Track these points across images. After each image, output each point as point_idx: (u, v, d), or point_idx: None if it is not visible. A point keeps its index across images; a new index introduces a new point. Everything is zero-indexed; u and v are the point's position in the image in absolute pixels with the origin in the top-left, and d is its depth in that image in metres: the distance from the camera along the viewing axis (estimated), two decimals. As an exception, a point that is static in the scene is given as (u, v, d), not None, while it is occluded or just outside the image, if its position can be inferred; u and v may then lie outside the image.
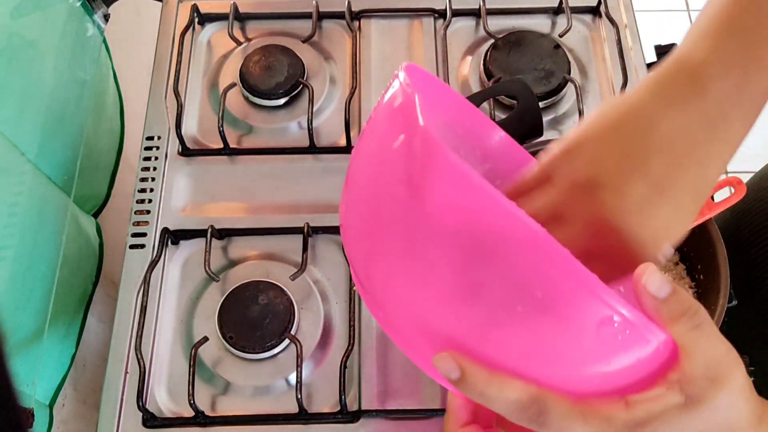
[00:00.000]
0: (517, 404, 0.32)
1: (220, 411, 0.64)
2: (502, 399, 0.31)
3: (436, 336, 0.33)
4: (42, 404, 0.64)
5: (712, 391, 0.32)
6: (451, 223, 0.30)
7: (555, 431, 0.32)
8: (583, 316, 0.29)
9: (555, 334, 0.30)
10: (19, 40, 0.64)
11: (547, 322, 0.30)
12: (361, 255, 0.37)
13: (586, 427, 0.32)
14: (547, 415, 0.32)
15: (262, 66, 0.80)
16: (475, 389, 0.31)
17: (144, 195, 0.74)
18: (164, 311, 0.69)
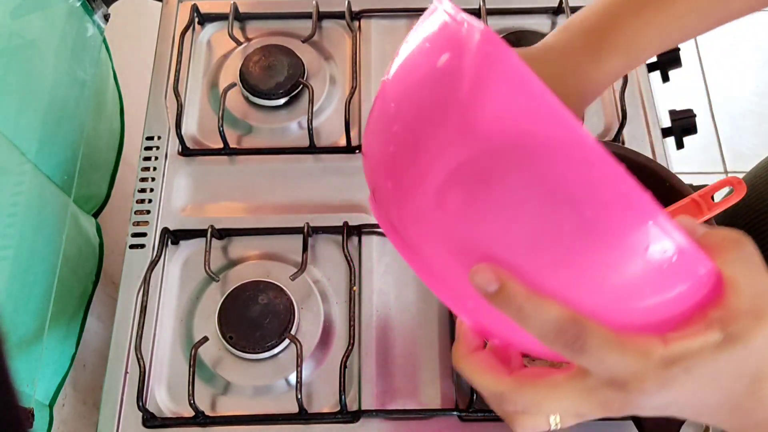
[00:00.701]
0: (555, 324, 0.30)
1: (220, 411, 0.64)
2: (540, 317, 0.30)
3: (472, 256, 0.31)
4: (42, 404, 0.64)
5: (753, 327, 0.31)
6: (504, 136, 0.29)
7: (589, 359, 0.31)
8: (632, 238, 0.28)
9: (600, 257, 0.29)
10: (19, 40, 0.64)
11: (593, 244, 0.29)
12: (390, 182, 0.35)
13: (621, 359, 0.31)
14: (585, 341, 0.30)
15: (262, 66, 0.80)
16: (514, 304, 0.29)
17: (144, 195, 0.75)
18: (164, 311, 0.69)
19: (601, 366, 0.31)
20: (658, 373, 0.31)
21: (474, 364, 0.36)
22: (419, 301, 0.69)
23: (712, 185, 0.57)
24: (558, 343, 0.30)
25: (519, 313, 0.30)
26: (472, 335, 0.39)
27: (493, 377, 0.35)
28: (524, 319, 0.30)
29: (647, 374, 0.31)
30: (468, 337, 0.38)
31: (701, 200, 0.56)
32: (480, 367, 0.36)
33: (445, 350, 0.66)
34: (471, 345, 0.38)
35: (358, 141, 0.78)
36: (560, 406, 0.33)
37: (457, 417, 0.63)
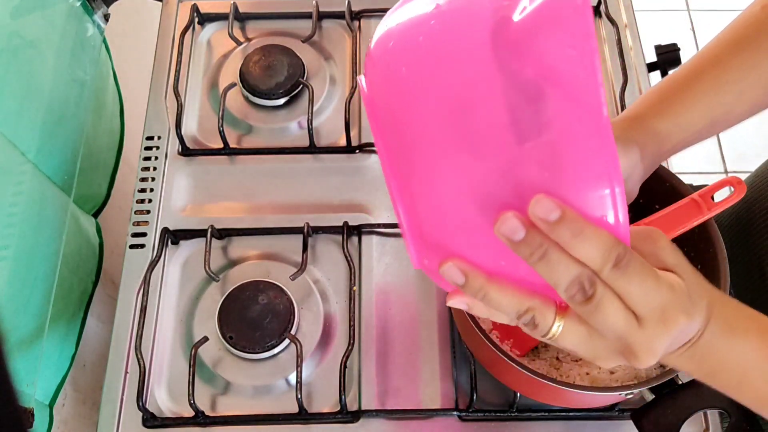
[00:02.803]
0: (609, 243, 0.33)
1: (220, 411, 0.64)
2: (598, 237, 0.33)
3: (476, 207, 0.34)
4: (42, 404, 0.64)
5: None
6: (529, 72, 0.32)
7: (630, 280, 0.34)
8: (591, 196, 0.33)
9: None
10: (19, 40, 0.64)
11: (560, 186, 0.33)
12: (399, 141, 0.37)
13: (657, 284, 0.34)
14: (630, 260, 0.33)
15: (262, 66, 0.80)
16: (575, 226, 0.32)
17: (144, 195, 0.75)
18: (164, 311, 0.69)
19: (641, 288, 0.34)
20: (686, 304, 0.35)
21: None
22: (419, 301, 0.69)
23: (712, 185, 0.57)
24: (609, 262, 0.33)
25: (579, 236, 0.33)
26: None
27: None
28: (584, 239, 0.33)
29: (682, 301, 0.35)
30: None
31: (701, 200, 0.56)
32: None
33: (445, 350, 0.66)
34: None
35: (359, 141, 0.78)
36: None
37: (457, 417, 0.63)
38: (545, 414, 0.63)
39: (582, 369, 0.58)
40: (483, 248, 0.36)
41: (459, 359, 0.66)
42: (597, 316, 0.34)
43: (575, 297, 0.34)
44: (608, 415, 0.63)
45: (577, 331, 0.36)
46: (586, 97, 0.31)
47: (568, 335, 0.37)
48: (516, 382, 0.60)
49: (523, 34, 0.32)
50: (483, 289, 0.37)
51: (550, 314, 0.36)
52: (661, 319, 0.35)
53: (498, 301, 0.37)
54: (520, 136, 0.32)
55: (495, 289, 0.36)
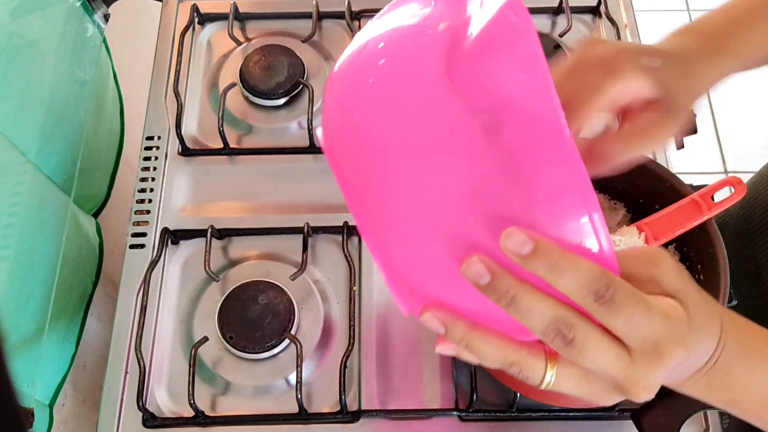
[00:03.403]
0: (588, 276, 0.31)
1: (220, 411, 0.64)
2: (575, 269, 0.31)
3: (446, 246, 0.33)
4: (42, 404, 0.64)
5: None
6: (484, 104, 0.30)
7: (618, 314, 0.31)
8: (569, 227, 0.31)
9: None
10: (19, 40, 0.64)
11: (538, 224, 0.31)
12: (360, 170, 0.36)
13: (649, 317, 0.32)
14: (615, 292, 0.31)
15: (262, 66, 0.80)
16: (550, 259, 0.31)
17: (144, 195, 0.75)
18: (164, 311, 0.69)
19: (630, 323, 0.31)
20: (685, 334, 0.33)
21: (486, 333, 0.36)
22: (419, 301, 0.69)
23: (712, 185, 0.57)
24: (590, 295, 0.31)
25: (555, 269, 0.31)
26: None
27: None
28: (560, 273, 0.31)
29: (679, 332, 0.32)
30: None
31: (701, 200, 0.57)
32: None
33: (445, 350, 0.66)
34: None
35: (358, 141, 0.78)
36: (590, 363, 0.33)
37: (457, 417, 0.63)
38: (545, 414, 0.63)
39: (582, 369, 0.58)
40: (461, 291, 0.34)
41: (459, 359, 0.66)
42: (584, 359, 0.32)
43: (554, 342, 0.32)
44: (608, 415, 0.63)
45: (571, 376, 0.35)
46: (545, 121, 0.29)
47: (562, 381, 0.35)
48: (516, 382, 0.60)
49: (473, 63, 0.31)
50: (465, 339, 0.35)
51: (539, 365, 0.34)
52: (655, 353, 0.32)
53: (482, 351, 0.35)
54: (485, 169, 0.31)
55: (478, 339, 0.34)
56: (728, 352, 0.36)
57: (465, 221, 0.32)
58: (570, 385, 0.35)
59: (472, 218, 0.32)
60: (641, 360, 0.32)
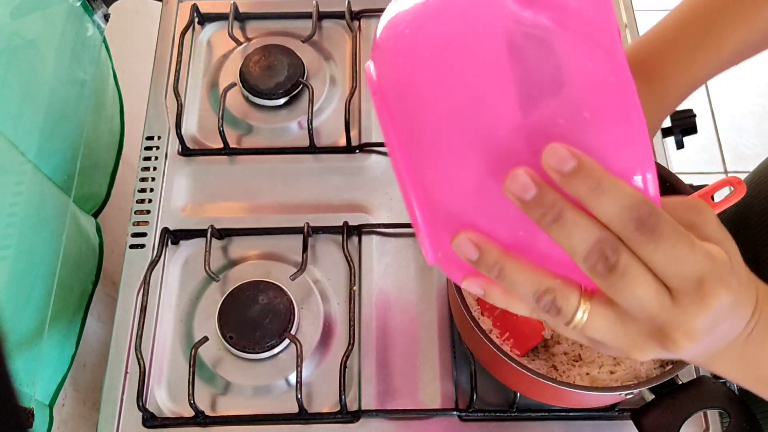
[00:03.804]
0: (631, 199, 0.29)
1: (220, 411, 0.64)
2: (618, 191, 0.29)
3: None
4: (42, 404, 0.64)
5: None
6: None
7: (660, 246, 0.29)
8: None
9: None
10: (19, 40, 0.64)
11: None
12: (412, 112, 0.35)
13: (692, 252, 0.30)
14: (658, 221, 0.29)
15: (262, 66, 0.80)
16: (593, 178, 0.29)
17: (144, 195, 0.75)
18: (164, 311, 0.69)
19: (672, 255, 0.29)
20: (728, 278, 0.30)
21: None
22: (419, 302, 0.69)
23: (712, 185, 0.57)
24: (631, 222, 0.29)
25: (597, 189, 0.29)
26: None
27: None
28: (601, 194, 0.29)
29: (723, 273, 0.30)
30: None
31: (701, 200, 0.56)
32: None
33: (445, 350, 0.66)
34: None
35: (359, 141, 0.78)
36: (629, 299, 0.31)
37: (457, 417, 0.63)
38: (545, 414, 0.63)
39: (582, 369, 0.58)
40: (497, 218, 0.33)
41: (459, 359, 0.66)
42: (623, 290, 0.30)
43: (596, 267, 0.30)
44: (608, 415, 0.63)
45: (606, 316, 0.32)
46: (599, 37, 0.28)
47: (595, 321, 0.32)
48: (516, 382, 0.60)
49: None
50: (498, 264, 0.32)
51: (573, 297, 0.32)
52: (698, 292, 0.30)
53: (514, 278, 0.32)
54: (533, 83, 0.30)
55: (511, 265, 0.32)
56: (763, 323, 0.33)
57: (507, 138, 0.31)
58: (603, 327, 0.32)
59: (515, 135, 0.30)
60: (683, 300, 0.30)
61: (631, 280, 0.30)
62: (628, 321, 0.32)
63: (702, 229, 0.31)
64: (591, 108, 0.29)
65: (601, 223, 0.30)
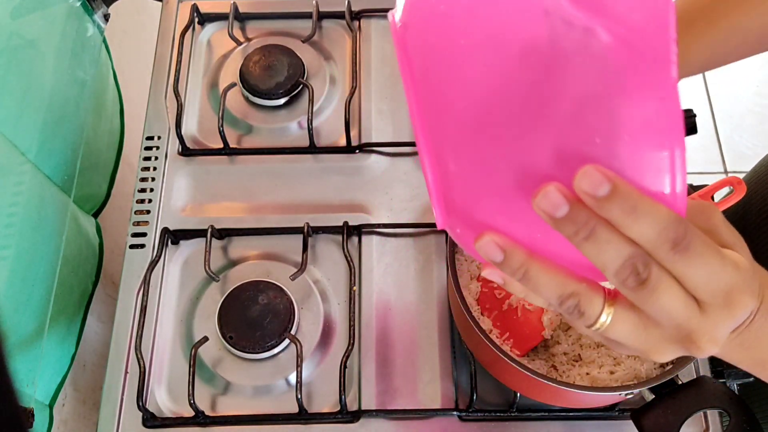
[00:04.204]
0: (667, 220, 0.29)
1: (220, 411, 0.64)
2: (653, 214, 0.29)
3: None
4: (42, 404, 0.64)
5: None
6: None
7: (692, 261, 0.30)
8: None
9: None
10: (19, 40, 0.64)
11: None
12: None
13: (722, 266, 0.30)
14: (691, 240, 0.29)
15: (262, 66, 0.80)
16: (629, 201, 0.29)
17: (144, 195, 0.75)
18: (164, 311, 0.69)
19: (704, 272, 0.30)
20: (753, 284, 0.31)
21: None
22: (419, 302, 0.69)
23: (712, 185, 0.57)
24: (667, 243, 0.29)
25: (632, 213, 0.29)
26: None
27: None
28: (638, 218, 0.29)
29: (748, 281, 0.31)
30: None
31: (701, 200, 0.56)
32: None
33: (445, 350, 0.66)
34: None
35: (359, 141, 0.78)
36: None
37: (457, 417, 0.63)
38: (545, 414, 0.63)
39: (582, 369, 0.58)
40: (521, 221, 0.32)
41: (459, 359, 0.66)
42: (653, 303, 0.30)
43: (627, 281, 0.30)
44: (608, 415, 0.63)
45: (629, 320, 0.32)
46: (651, 44, 0.26)
47: (618, 325, 0.32)
48: (516, 382, 0.60)
49: None
50: (524, 266, 0.32)
51: (598, 301, 0.32)
52: (726, 304, 0.31)
53: (539, 281, 0.32)
54: (570, 91, 0.28)
55: (537, 268, 0.32)
56: (765, 309, 0.34)
57: (542, 144, 0.30)
58: (626, 330, 0.33)
59: (546, 142, 0.30)
60: (712, 311, 0.31)
61: (662, 293, 0.30)
62: (651, 326, 0.32)
63: (717, 234, 0.32)
64: (631, 129, 0.28)
65: (632, 240, 0.30)
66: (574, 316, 0.33)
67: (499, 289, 0.61)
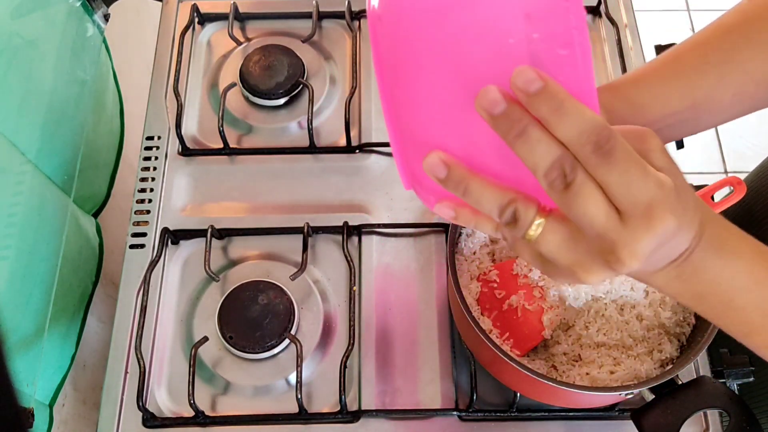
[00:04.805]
0: (591, 123, 0.31)
1: (220, 411, 0.64)
2: (579, 114, 0.31)
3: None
4: (42, 404, 0.64)
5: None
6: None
7: (614, 169, 0.31)
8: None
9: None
10: (19, 40, 0.64)
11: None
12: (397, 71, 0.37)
13: (644, 178, 0.32)
14: (614, 145, 0.31)
15: (262, 66, 0.80)
16: (556, 99, 0.31)
17: (144, 195, 0.75)
18: (164, 311, 0.69)
19: (625, 179, 0.31)
20: (676, 205, 0.32)
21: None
22: (419, 302, 0.69)
23: (712, 185, 0.57)
24: (589, 144, 0.31)
25: (559, 109, 0.31)
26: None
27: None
28: (563, 114, 0.31)
29: (670, 199, 0.32)
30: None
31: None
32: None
33: (445, 350, 0.66)
34: None
35: (359, 141, 0.78)
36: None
37: (457, 417, 0.63)
38: (545, 414, 0.63)
39: (582, 369, 0.58)
40: (464, 142, 0.36)
41: (459, 359, 0.66)
42: (577, 207, 0.32)
43: (555, 183, 0.32)
44: (608, 415, 0.63)
45: (559, 231, 0.34)
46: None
47: (548, 235, 0.34)
48: (516, 382, 0.60)
49: None
50: (464, 181, 0.35)
51: (531, 209, 0.34)
52: (646, 216, 0.32)
53: (480, 193, 0.35)
54: (509, 23, 0.32)
55: (476, 182, 0.35)
56: (704, 244, 0.36)
57: (477, 66, 0.33)
58: (555, 242, 0.34)
59: (485, 64, 0.33)
60: (632, 222, 0.32)
61: (585, 197, 0.32)
62: (579, 238, 0.34)
63: (649, 157, 0.34)
64: (552, 50, 0.31)
65: (562, 143, 0.32)
66: (511, 225, 0.35)
67: (499, 288, 0.61)
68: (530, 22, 0.31)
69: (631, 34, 0.84)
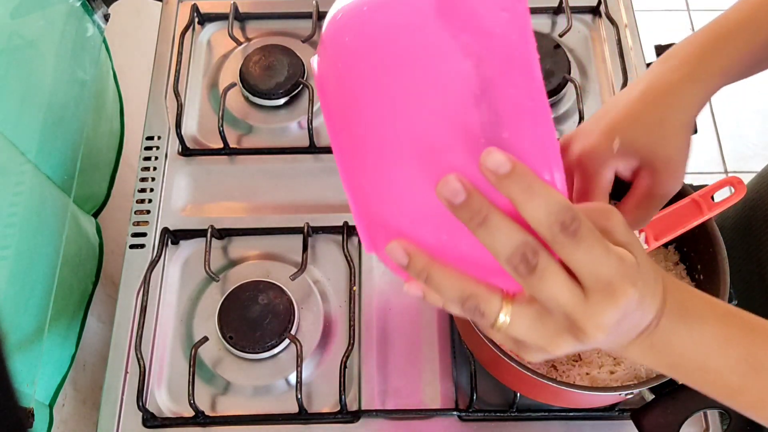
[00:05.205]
0: (559, 205, 0.32)
1: (220, 411, 0.64)
2: (548, 196, 0.32)
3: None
4: (42, 404, 0.64)
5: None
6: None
7: (578, 247, 0.32)
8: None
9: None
10: (19, 40, 0.64)
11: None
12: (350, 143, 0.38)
13: (607, 255, 0.33)
14: (579, 226, 0.32)
15: (262, 66, 0.80)
16: (524, 181, 0.32)
17: (144, 195, 0.75)
18: (164, 311, 0.69)
19: (588, 257, 0.33)
20: (636, 277, 0.34)
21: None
22: (419, 302, 0.69)
23: (712, 185, 0.57)
24: (556, 224, 0.32)
25: (528, 191, 0.32)
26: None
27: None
28: (532, 196, 0.32)
29: (631, 273, 0.33)
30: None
31: (701, 200, 0.57)
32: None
33: (445, 350, 0.66)
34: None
35: (358, 141, 0.78)
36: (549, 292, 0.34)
37: (457, 417, 0.63)
38: (545, 414, 0.63)
39: (582, 369, 0.58)
40: (427, 223, 0.36)
41: (459, 359, 0.66)
42: (542, 288, 0.33)
43: (519, 268, 0.33)
44: (608, 415, 0.63)
45: (527, 316, 0.35)
46: (519, 59, 0.31)
47: (517, 320, 0.35)
48: (516, 382, 0.60)
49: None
50: (425, 270, 0.36)
51: (495, 301, 0.35)
52: (608, 291, 0.33)
53: (440, 283, 0.36)
54: (462, 99, 0.32)
55: (438, 271, 0.36)
56: (670, 312, 0.36)
57: (440, 143, 0.34)
58: (524, 325, 0.35)
59: (447, 141, 0.33)
60: (595, 297, 0.33)
61: (550, 279, 0.33)
62: (546, 317, 0.35)
63: (612, 233, 0.35)
64: (511, 128, 0.32)
65: (523, 228, 0.33)
66: (477, 316, 0.35)
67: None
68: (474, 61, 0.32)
69: (631, 34, 0.84)
